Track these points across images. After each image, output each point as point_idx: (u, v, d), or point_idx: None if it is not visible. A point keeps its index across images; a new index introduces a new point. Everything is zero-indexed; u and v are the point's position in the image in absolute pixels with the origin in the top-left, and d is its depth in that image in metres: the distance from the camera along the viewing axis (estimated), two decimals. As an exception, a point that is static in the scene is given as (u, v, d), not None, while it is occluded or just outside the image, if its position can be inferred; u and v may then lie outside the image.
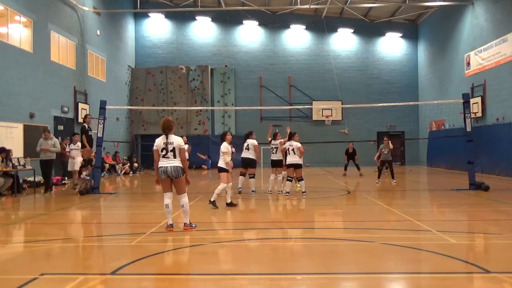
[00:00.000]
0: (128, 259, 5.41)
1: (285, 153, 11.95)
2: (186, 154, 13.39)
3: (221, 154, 9.85)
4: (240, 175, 12.46)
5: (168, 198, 7.17)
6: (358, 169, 19.23)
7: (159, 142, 7.24)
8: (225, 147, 9.78)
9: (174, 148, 7.12)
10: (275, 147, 12.41)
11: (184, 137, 15.60)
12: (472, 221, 8.58)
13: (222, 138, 10.00)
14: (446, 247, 5.87)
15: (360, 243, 6.29)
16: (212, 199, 9.66)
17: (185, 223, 7.32)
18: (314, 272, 5.01)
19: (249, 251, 6.16)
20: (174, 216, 8.81)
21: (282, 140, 12.38)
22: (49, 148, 13.12)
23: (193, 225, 7.34)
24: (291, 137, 11.79)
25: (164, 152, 7.13)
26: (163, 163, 7.10)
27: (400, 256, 5.70)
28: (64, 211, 10.00)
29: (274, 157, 12.46)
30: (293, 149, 11.54)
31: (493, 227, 7.67)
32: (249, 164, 12.07)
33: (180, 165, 7.09)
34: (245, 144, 12.01)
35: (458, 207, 10.02)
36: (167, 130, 7.23)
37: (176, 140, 7.20)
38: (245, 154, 12.04)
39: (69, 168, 14.82)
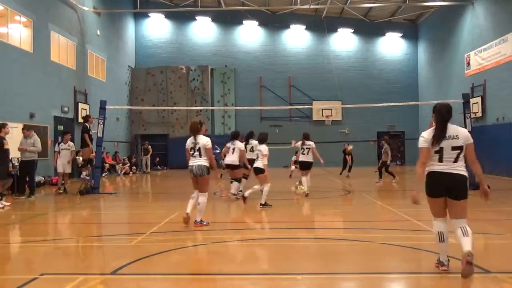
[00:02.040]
0: (128, 259, 5.41)
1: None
2: None
3: (260, 156, 9.78)
4: (243, 177, 12.36)
5: (195, 193, 7.67)
6: (349, 170, 19.09)
7: (188, 142, 7.68)
8: (265, 149, 9.77)
9: (199, 148, 7.49)
10: (307, 148, 11.91)
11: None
12: (472, 221, 8.54)
13: (261, 140, 9.94)
14: (446, 247, 5.85)
15: (360, 243, 6.29)
16: (262, 202, 9.72)
17: (196, 221, 7.53)
18: (314, 272, 5.01)
19: (249, 251, 6.16)
20: (173, 216, 8.80)
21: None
22: (27, 148, 11.78)
23: (204, 223, 7.55)
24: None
25: (192, 152, 7.58)
26: (191, 162, 7.56)
27: (400, 256, 5.70)
28: (64, 211, 10.00)
29: (305, 158, 11.94)
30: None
31: (493, 227, 7.68)
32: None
33: (205, 164, 7.48)
34: (249, 146, 11.79)
35: (458, 207, 10.00)
36: (194, 132, 7.62)
37: (202, 140, 7.55)
38: (250, 155, 11.91)
39: (59, 170, 13.40)
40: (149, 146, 23.62)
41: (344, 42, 28.40)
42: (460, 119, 17.27)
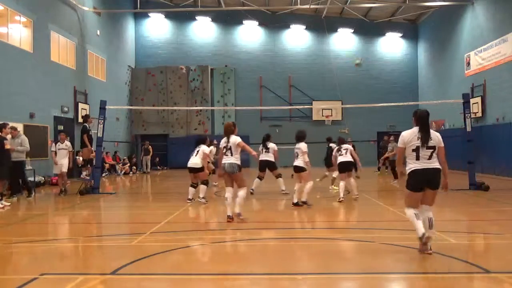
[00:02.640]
0: (128, 259, 5.41)
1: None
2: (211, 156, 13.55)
3: (300, 153, 9.74)
4: (258, 177, 12.26)
5: (228, 192, 7.94)
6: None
7: (222, 141, 8.11)
8: (305, 146, 9.74)
9: (230, 147, 7.92)
10: (344, 149, 11.20)
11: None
12: (472, 221, 8.58)
13: (300, 137, 9.89)
14: (446, 247, 5.86)
15: (360, 243, 6.29)
16: (303, 199, 9.74)
17: (237, 213, 7.90)
18: (314, 272, 5.01)
19: (249, 251, 6.16)
20: (173, 217, 8.81)
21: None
22: (15, 148, 11.23)
23: (241, 216, 7.89)
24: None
25: (224, 150, 7.98)
26: (223, 160, 7.95)
27: (400, 256, 5.70)
28: (64, 211, 10.00)
29: (343, 159, 11.12)
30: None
31: (493, 227, 7.67)
32: (268, 166, 11.99)
33: (236, 162, 7.89)
34: (264, 148, 11.84)
35: (458, 207, 10.02)
36: (228, 133, 8.06)
37: (232, 140, 7.98)
38: (265, 156, 11.86)
39: (55, 171, 13.10)
40: (150, 146, 23.62)
41: (344, 42, 28.40)
42: (460, 119, 17.33)
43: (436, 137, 5.63)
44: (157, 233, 7.14)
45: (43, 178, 15.30)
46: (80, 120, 18.12)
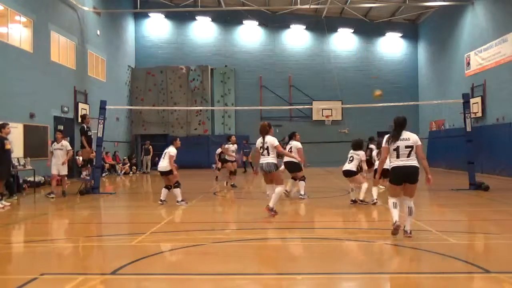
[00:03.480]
0: (128, 259, 5.41)
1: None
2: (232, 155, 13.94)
3: (356, 159, 9.91)
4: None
5: (268, 189, 8.55)
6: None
7: (258, 142, 8.43)
8: (363, 154, 10.09)
9: (267, 147, 8.21)
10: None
11: (233, 137, 15.44)
12: (472, 221, 8.58)
13: (357, 146, 10.05)
14: (446, 247, 5.87)
15: (360, 243, 6.29)
16: (361, 198, 9.98)
17: (268, 206, 8.25)
18: (314, 272, 5.01)
19: (249, 251, 6.16)
20: (173, 217, 8.81)
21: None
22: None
23: (273, 210, 8.23)
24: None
25: (261, 151, 8.30)
26: (260, 160, 8.32)
27: (400, 256, 5.70)
28: (64, 211, 10.00)
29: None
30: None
31: (493, 227, 7.68)
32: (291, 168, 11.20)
33: (273, 161, 8.25)
34: (288, 147, 11.29)
35: (458, 207, 10.02)
36: (263, 133, 8.34)
37: (270, 140, 8.29)
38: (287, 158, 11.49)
39: (53, 171, 12.24)
40: (150, 147, 23.62)
41: (344, 42, 28.39)
42: (460, 119, 17.33)
43: (413, 137, 6.48)
44: (157, 233, 7.14)
45: (43, 178, 15.28)
46: (80, 120, 18.12)
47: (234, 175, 14.43)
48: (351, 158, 9.99)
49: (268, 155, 8.23)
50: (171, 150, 10.51)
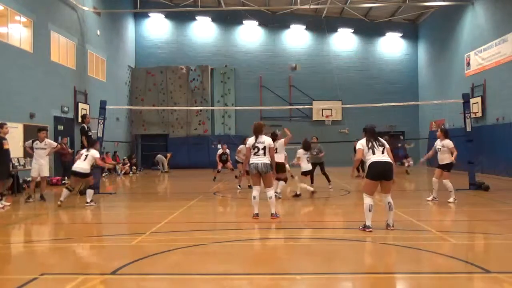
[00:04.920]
0: (128, 259, 5.41)
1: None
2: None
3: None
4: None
5: (256, 191, 8.08)
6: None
7: (251, 141, 8.16)
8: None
9: (264, 147, 8.03)
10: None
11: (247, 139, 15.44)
12: (472, 221, 8.58)
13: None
14: (446, 247, 5.87)
15: (360, 243, 6.29)
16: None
17: (272, 214, 8.05)
18: (314, 272, 5.01)
19: (249, 251, 6.16)
20: (173, 217, 8.82)
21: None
22: None
23: (277, 215, 8.07)
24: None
25: (255, 150, 8.03)
26: (254, 159, 8.02)
27: (400, 256, 5.70)
28: (64, 211, 9.99)
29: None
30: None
31: (493, 227, 7.67)
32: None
33: (269, 162, 8.04)
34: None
35: (458, 207, 10.01)
36: (258, 132, 8.14)
37: (267, 140, 8.14)
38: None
39: (32, 174, 11.33)
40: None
41: (344, 42, 28.40)
42: (460, 119, 17.31)
43: (384, 140, 7.16)
44: (157, 233, 7.13)
45: (39, 178, 15.25)
46: (80, 120, 18.12)
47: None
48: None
49: (265, 155, 8.02)
50: (95, 153, 10.44)
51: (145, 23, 28.52)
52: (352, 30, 28.23)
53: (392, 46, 28.55)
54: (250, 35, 28.43)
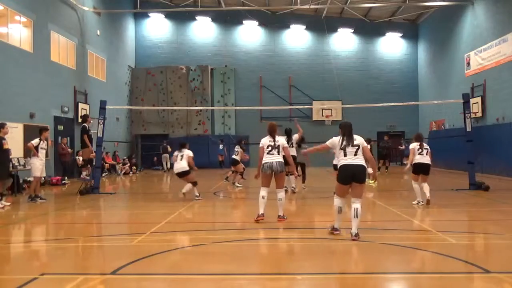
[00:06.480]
0: (128, 259, 5.41)
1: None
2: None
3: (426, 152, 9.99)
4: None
5: (264, 192, 8.00)
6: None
7: (265, 141, 8.11)
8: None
9: (279, 146, 8.03)
10: (425, 149, 10.14)
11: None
12: (472, 221, 8.58)
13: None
14: (446, 247, 5.87)
15: (360, 243, 6.28)
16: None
17: (279, 216, 7.99)
18: (314, 272, 5.01)
19: (249, 251, 6.16)
20: (173, 217, 8.81)
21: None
22: None
23: (285, 217, 8.01)
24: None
25: (270, 149, 7.99)
26: (268, 158, 7.94)
27: (400, 256, 5.70)
28: (64, 211, 10.00)
29: (423, 160, 10.07)
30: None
31: (493, 227, 7.67)
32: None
33: (283, 160, 8.02)
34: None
35: (458, 207, 10.01)
36: (272, 132, 8.12)
37: (281, 140, 8.18)
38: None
39: (36, 173, 11.24)
40: (168, 146, 23.55)
41: (344, 42, 28.40)
42: (460, 119, 17.32)
43: (359, 138, 6.86)
44: (157, 233, 7.13)
45: (43, 178, 15.28)
46: (80, 120, 18.11)
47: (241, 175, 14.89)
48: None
49: (279, 154, 8.01)
50: (189, 152, 11.35)
51: (145, 23, 28.52)
52: (352, 30, 28.23)
53: (392, 46, 28.55)
54: (250, 35, 28.44)
